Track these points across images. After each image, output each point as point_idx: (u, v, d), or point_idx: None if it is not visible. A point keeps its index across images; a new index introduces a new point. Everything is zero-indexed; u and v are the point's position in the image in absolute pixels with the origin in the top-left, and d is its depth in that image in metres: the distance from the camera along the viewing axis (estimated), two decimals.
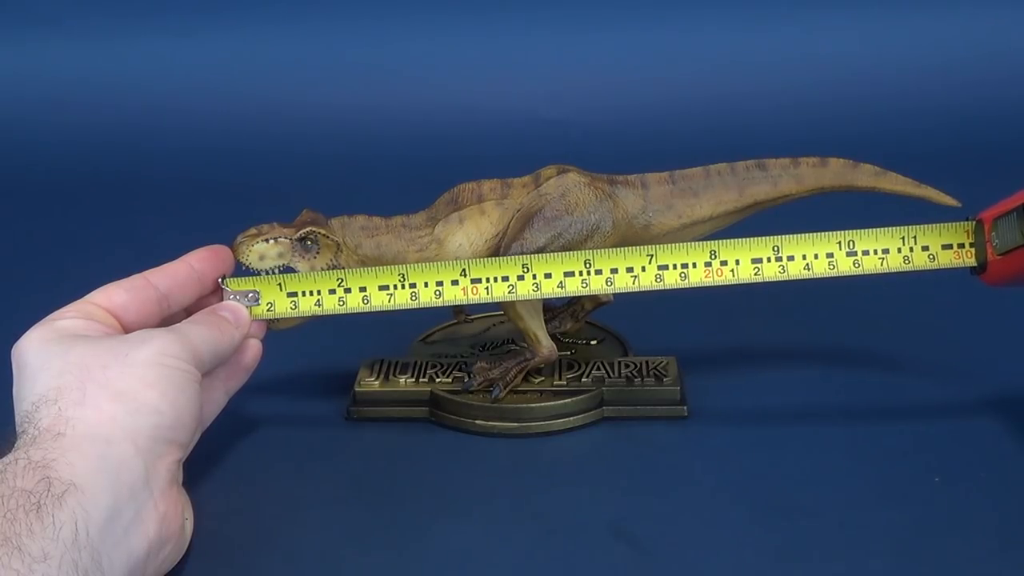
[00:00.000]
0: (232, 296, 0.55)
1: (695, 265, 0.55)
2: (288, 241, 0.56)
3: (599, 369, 0.62)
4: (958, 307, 0.70)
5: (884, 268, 0.56)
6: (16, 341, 0.47)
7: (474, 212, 0.58)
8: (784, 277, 0.56)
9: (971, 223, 0.55)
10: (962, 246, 0.55)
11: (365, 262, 0.58)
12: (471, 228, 0.58)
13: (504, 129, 1.08)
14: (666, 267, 0.56)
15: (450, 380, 0.61)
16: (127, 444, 0.43)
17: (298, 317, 0.57)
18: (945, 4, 1.14)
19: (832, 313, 0.71)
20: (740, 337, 0.69)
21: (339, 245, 0.57)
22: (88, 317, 0.48)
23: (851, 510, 0.51)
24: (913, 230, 0.55)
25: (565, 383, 0.61)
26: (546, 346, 0.60)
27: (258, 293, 0.55)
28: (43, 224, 0.96)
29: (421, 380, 0.62)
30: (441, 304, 0.56)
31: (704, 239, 0.59)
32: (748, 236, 0.56)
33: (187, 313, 0.54)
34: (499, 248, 0.58)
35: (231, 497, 0.54)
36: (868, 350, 0.67)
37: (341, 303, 0.56)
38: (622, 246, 0.58)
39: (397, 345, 0.65)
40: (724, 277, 0.55)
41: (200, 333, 0.50)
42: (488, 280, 0.56)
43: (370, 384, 0.61)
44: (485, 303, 0.57)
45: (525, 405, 0.59)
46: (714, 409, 0.60)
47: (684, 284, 0.56)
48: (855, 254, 0.56)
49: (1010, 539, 0.48)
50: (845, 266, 0.56)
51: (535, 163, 0.60)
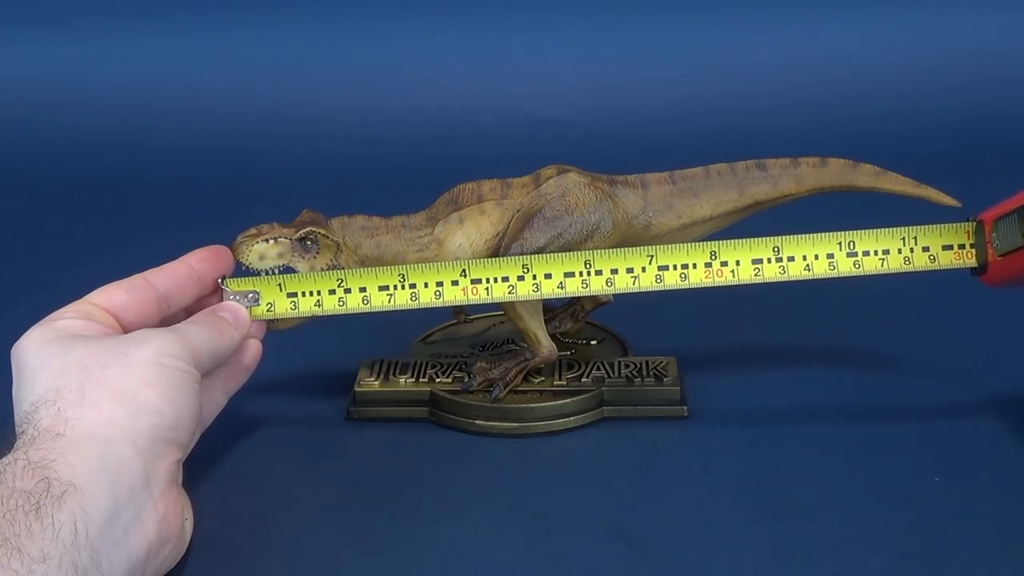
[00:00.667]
0: (232, 296, 0.55)
1: (695, 266, 0.55)
2: (288, 241, 0.56)
3: (599, 369, 0.62)
4: (958, 307, 0.70)
5: (885, 269, 0.56)
6: (16, 341, 0.47)
7: (474, 212, 0.58)
8: (784, 278, 0.56)
9: (972, 224, 0.55)
10: (963, 247, 0.55)
11: (365, 262, 0.58)
12: (471, 228, 0.58)
13: (504, 129, 1.08)
14: (666, 268, 0.56)
15: (450, 380, 0.61)
16: (127, 444, 0.43)
17: (298, 317, 0.57)
18: (945, 4, 1.14)
19: (832, 313, 0.71)
20: (740, 337, 0.69)
21: (339, 245, 0.57)
22: (88, 317, 0.48)
23: (851, 510, 0.51)
24: (914, 231, 0.55)
25: (565, 383, 0.61)
26: (546, 346, 0.60)
27: (258, 293, 0.55)
28: (43, 224, 0.96)
29: (421, 380, 0.62)
30: (441, 304, 0.56)
31: (704, 239, 0.59)
32: (748, 236, 0.56)
33: (187, 313, 0.54)
34: (499, 248, 0.58)
35: (231, 497, 0.53)
36: (868, 350, 0.67)
37: (341, 304, 0.56)
38: (622, 246, 0.58)
39: (397, 345, 0.65)
40: (724, 278, 0.55)
41: (199, 333, 0.50)
42: (488, 281, 0.56)
43: (370, 384, 0.61)
44: (485, 303, 0.57)
45: (525, 405, 0.59)
46: (714, 409, 0.60)
47: (684, 285, 0.56)
48: (855, 255, 0.56)
49: (1010, 539, 0.48)
50: (845, 267, 0.56)
51: (535, 163, 0.60)
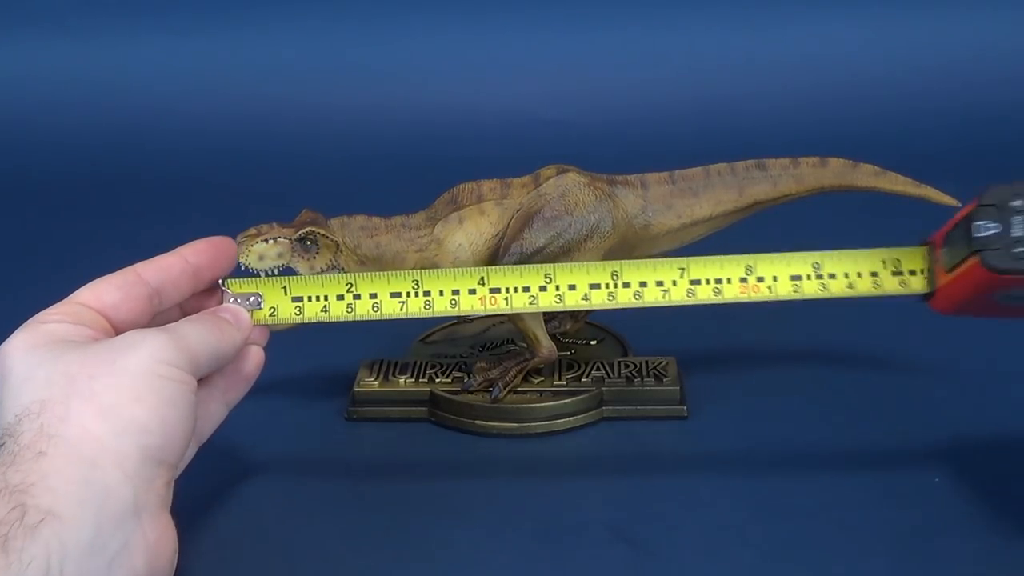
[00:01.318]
0: (233, 299, 0.52)
1: (730, 280, 0.51)
2: (287, 241, 0.56)
3: (599, 369, 0.62)
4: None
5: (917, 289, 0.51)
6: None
7: (474, 212, 0.58)
8: (825, 295, 0.51)
9: (924, 248, 0.50)
10: (913, 272, 0.50)
11: (365, 262, 0.58)
12: (471, 228, 0.58)
13: (504, 129, 1.08)
14: (699, 282, 0.52)
15: (450, 380, 0.61)
16: (114, 468, 0.40)
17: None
18: (945, 4, 1.14)
19: (832, 313, 0.71)
20: (740, 337, 0.69)
21: (339, 245, 0.57)
22: (77, 320, 0.44)
23: (851, 510, 0.51)
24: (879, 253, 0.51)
25: (565, 383, 0.61)
26: (546, 346, 0.60)
27: (260, 297, 0.52)
28: (43, 224, 0.96)
29: (421, 380, 0.61)
30: (456, 313, 0.53)
31: (704, 240, 0.59)
32: (748, 237, 0.56)
33: (182, 311, 0.51)
34: (499, 248, 0.58)
35: (230, 497, 0.53)
36: (868, 350, 0.67)
37: (349, 310, 0.52)
38: (622, 246, 0.58)
39: (397, 345, 0.65)
40: (761, 294, 0.51)
41: (197, 333, 0.46)
42: (507, 290, 0.52)
43: (370, 384, 0.61)
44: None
45: (525, 405, 0.59)
46: (714, 409, 0.60)
47: (718, 300, 0.51)
48: (901, 273, 0.51)
49: (1010, 539, 0.48)
50: (891, 285, 0.51)
51: (535, 163, 0.60)
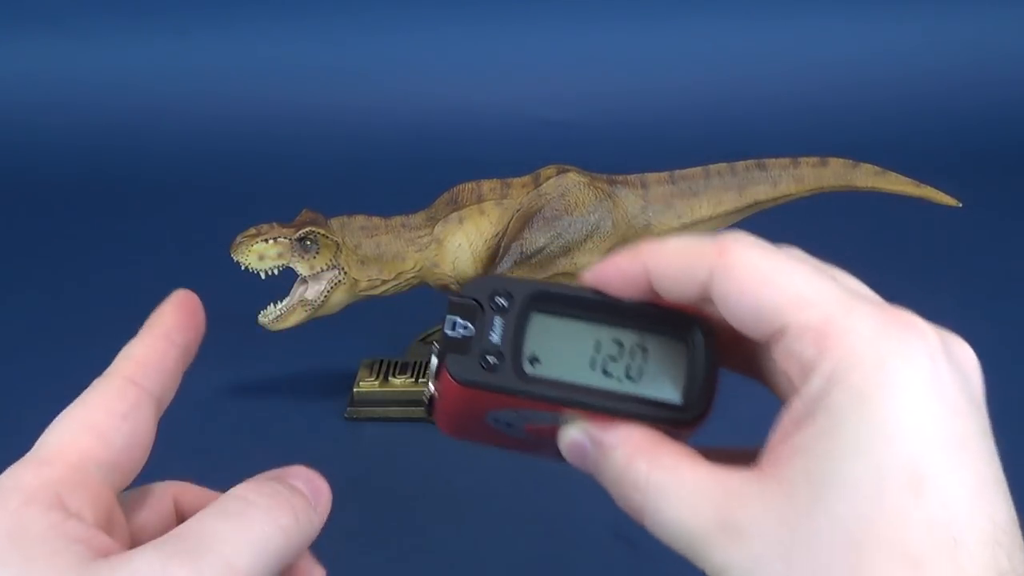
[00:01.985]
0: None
1: None
2: (288, 241, 0.56)
3: None
4: (959, 307, 0.70)
5: None
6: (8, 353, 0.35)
7: (474, 212, 0.58)
8: None
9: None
10: None
11: (365, 262, 0.58)
12: (471, 228, 0.58)
13: (504, 129, 1.08)
14: None
15: None
16: None
17: (297, 317, 0.57)
18: (945, 5, 1.14)
19: None
20: None
21: (339, 245, 0.57)
22: (59, 507, 0.26)
23: None
24: None
25: None
26: None
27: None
28: (43, 224, 0.96)
29: (420, 380, 0.61)
30: None
31: None
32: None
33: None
34: (499, 248, 0.58)
35: None
36: None
37: None
38: (622, 246, 0.58)
39: (396, 345, 0.65)
40: None
41: (253, 542, 0.27)
42: None
43: (369, 384, 0.61)
44: None
45: None
46: (714, 409, 0.60)
47: None
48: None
49: None
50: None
51: (535, 163, 0.60)
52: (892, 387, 0.24)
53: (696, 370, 0.29)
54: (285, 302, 0.58)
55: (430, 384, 0.32)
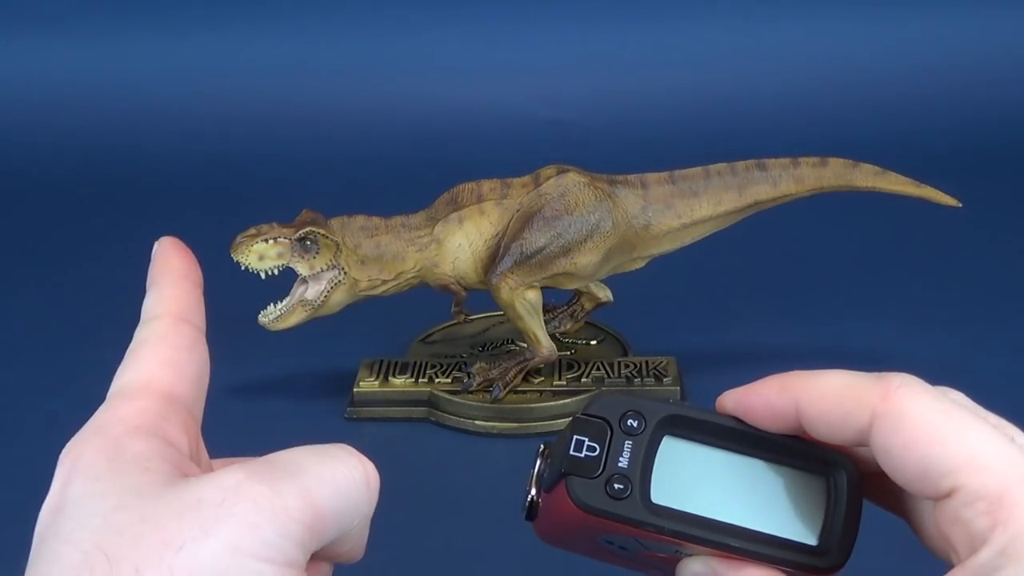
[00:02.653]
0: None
1: None
2: (287, 241, 0.56)
3: (599, 369, 0.62)
4: (958, 307, 0.70)
5: None
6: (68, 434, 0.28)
7: (474, 212, 0.58)
8: None
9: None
10: None
11: (365, 262, 0.58)
12: (471, 228, 0.58)
13: (504, 129, 1.08)
14: None
15: (449, 380, 0.61)
16: None
17: (297, 317, 0.57)
18: (945, 5, 1.14)
19: (832, 312, 0.71)
20: (740, 337, 0.69)
21: (339, 245, 0.57)
22: (160, 434, 0.27)
23: None
24: None
25: (565, 383, 0.61)
26: (546, 346, 0.59)
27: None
28: (42, 224, 0.96)
29: (420, 380, 0.61)
30: None
31: (704, 240, 0.59)
32: (749, 237, 0.55)
33: None
34: (499, 248, 0.58)
35: None
36: (868, 349, 0.67)
37: None
38: (622, 246, 0.58)
39: (396, 345, 0.65)
40: None
41: (330, 485, 0.28)
42: None
43: (369, 384, 0.61)
44: (483, 302, 0.56)
45: (525, 405, 0.59)
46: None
47: None
48: None
49: None
50: None
51: (535, 163, 0.60)
52: None
53: (837, 513, 0.27)
54: (285, 302, 0.58)
55: (532, 489, 0.32)
